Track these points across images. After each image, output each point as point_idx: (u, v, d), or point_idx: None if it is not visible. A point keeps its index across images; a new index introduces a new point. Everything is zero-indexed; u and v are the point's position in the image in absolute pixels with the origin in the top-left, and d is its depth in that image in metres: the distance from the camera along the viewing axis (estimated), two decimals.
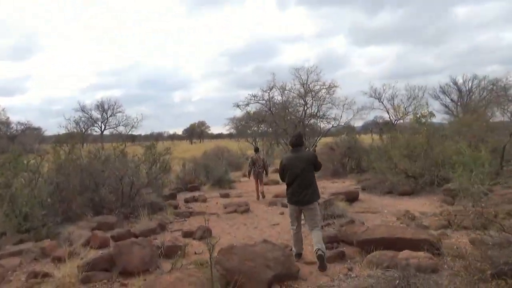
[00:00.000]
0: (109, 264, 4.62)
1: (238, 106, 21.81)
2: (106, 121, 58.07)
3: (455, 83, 34.96)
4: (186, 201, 11.44)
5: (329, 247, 5.54)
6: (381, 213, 8.05)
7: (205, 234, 6.60)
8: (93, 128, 56.85)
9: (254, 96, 21.44)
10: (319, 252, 4.78)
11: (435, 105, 30.46)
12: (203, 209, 9.84)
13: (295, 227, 5.37)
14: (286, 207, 9.25)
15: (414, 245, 4.74)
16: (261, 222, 7.97)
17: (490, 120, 20.29)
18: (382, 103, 27.41)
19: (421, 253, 4.49)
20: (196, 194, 12.86)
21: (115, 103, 55.50)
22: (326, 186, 13.29)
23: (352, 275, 4.43)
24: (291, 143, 5.49)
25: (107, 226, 7.35)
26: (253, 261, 4.02)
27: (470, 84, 34.71)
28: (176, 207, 10.15)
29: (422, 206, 8.65)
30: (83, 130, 57.20)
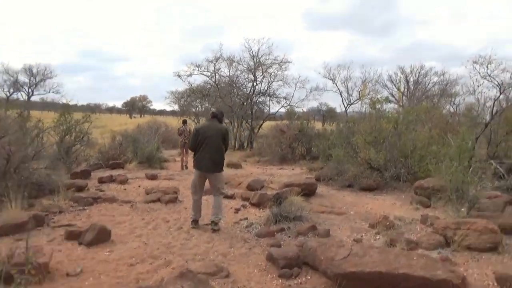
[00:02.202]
0: None
1: (179, 76, 19.17)
2: (34, 86, 52.73)
3: (403, 72, 34.58)
4: (101, 181, 9.02)
5: (288, 275, 3.55)
6: (348, 215, 6.24)
7: (99, 236, 4.35)
8: (19, 92, 50.78)
9: (198, 66, 18.92)
10: (213, 219, 5.23)
11: (383, 94, 29.50)
12: (117, 194, 7.52)
13: (197, 196, 5.42)
14: (229, 197, 7.30)
15: None
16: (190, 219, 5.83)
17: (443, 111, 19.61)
18: (336, 85, 25.89)
19: None
20: (117, 172, 10.45)
21: (46, 68, 49.72)
22: (274, 173, 11.42)
23: None
24: (210, 114, 5.73)
25: None
26: None
27: (417, 75, 34.52)
28: (81, 188, 7.73)
29: (393, 206, 6.99)
30: (7, 94, 51.44)
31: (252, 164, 14.65)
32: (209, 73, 19.12)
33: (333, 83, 25.13)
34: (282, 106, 19.84)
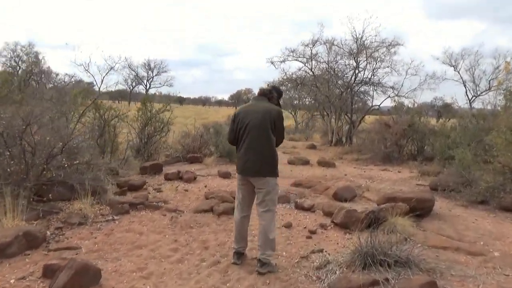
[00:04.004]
0: None
1: (272, 62, 17.58)
2: (151, 80, 58.88)
3: None
4: (167, 178, 7.85)
5: None
6: (488, 257, 3.88)
7: (77, 280, 2.84)
8: (139, 86, 56.90)
9: (293, 51, 17.07)
10: (259, 257, 3.42)
11: None
12: (173, 197, 6.18)
13: (241, 215, 3.63)
14: (307, 209, 5.47)
15: None
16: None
17: None
18: (458, 73, 21.63)
19: None
20: (191, 168, 9.32)
21: (161, 62, 55.45)
22: (374, 176, 9.13)
23: None
24: (258, 91, 3.80)
25: None
26: None
27: None
28: (136, 188, 6.58)
29: None
30: (130, 88, 57.78)
31: (349, 163, 12.42)
32: (304, 59, 17.14)
33: (454, 71, 21.08)
34: (389, 96, 16.95)
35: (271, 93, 3.67)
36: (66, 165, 5.35)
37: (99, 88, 9.44)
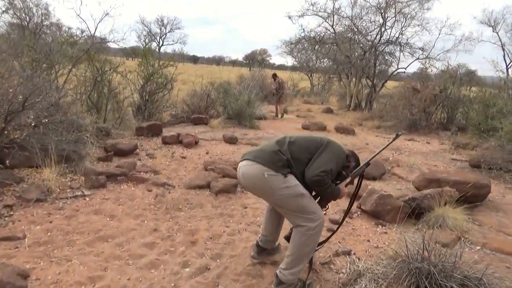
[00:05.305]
0: None
1: (289, 17, 16.02)
2: (164, 36, 57.92)
3: None
4: (165, 141, 6.84)
5: None
6: None
7: None
8: (152, 43, 55.76)
9: (313, 4, 15.45)
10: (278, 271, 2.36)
11: None
12: (166, 166, 5.20)
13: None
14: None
15: None
16: (240, 257, 3.04)
17: None
18: (497, 34, 19.63)
19: None
20: (195, 130, 8.38)
21: (175, 19, 53.97)
22: (401, 148, 7.99)
23: None
24: None
25: None
26: None
27: None
28: (125, 153, 5.62)
29: None
30: (144, 44, 56.74)
31: (369, 130, 11.26)
32: (325, 14, 15.52)
33: (493, 31, 19.12)
34: (417, 58, 15.35)
35: (348, 160, 2.61)
36: (31, 124, 4.35)
37: (93, 36, 8.32)
